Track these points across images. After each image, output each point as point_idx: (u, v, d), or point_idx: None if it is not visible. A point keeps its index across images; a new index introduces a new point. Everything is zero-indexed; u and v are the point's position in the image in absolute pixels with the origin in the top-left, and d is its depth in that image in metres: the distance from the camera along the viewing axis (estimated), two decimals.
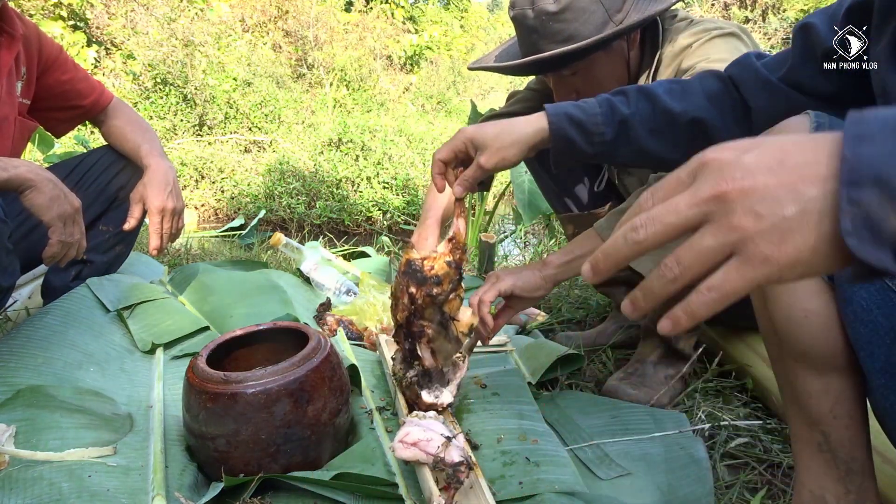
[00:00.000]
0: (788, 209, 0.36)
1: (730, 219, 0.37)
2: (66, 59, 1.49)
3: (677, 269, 0.39)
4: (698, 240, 0.39)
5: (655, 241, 0.41)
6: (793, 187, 0.36)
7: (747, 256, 0.37)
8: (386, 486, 0.89)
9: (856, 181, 0.35)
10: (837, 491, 0.73)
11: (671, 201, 0.40)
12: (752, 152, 0.38)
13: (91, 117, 1.57)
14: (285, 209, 4.91)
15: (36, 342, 1.15)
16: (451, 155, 0.92)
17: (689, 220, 0.39)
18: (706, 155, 0.40)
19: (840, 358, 0.71)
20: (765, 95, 0.85)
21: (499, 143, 0.88)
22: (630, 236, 0.41)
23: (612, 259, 0.43)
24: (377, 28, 8.69)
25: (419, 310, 0.91)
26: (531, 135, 0.89)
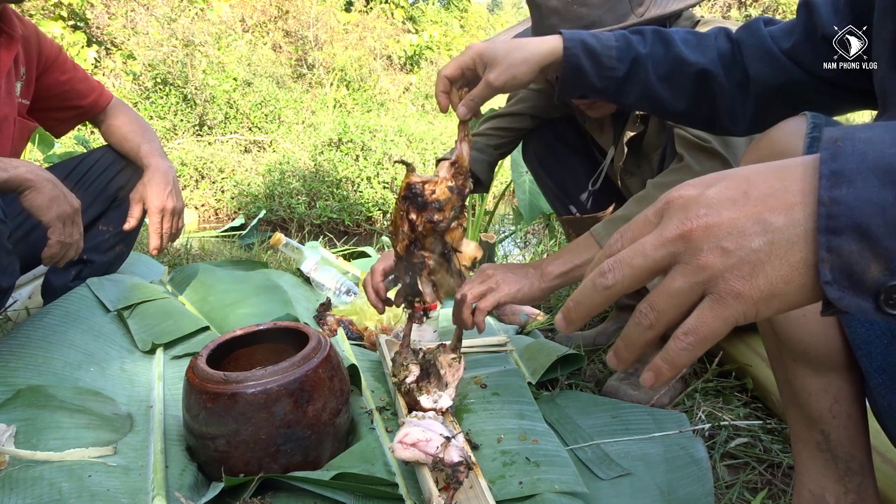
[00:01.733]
0: (756, 241, 0.35)
1: (697, 258, 0.36)
2: (65, 60, 1.50)
3: (652, 316, 0.38)
4: (668, 282, 0.38)
5: (625, 285, 0.39)
6: (758, 218, 0.35)
7: (719, 295, 0.36)
8: (386, 486, 0.89)
9: (834, 229, 0.34)
10: (837, 490, 0.73)
11: (638, 243, 0.39)
12: (716, 186, 0.37)
13: (91, 117, 1.57)
14: (285, 209, 4.91)
15: (36, 342, 1.15)
16: (457, 72, 0.87)
17: (658, 262, 0.38)
18: (671, 193, 0.39)
19: (838, 357, 0.71)
20: (766, 67, 0.82)
21: (510, 59, 0.83)
22: (599, 282, 0.40)
23: (583, 307, 0.42)
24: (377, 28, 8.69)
25: (419, 238, 0.86)
26: (544, 53, 0.84)
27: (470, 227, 3.04)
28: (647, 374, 0.39)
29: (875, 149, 0.34)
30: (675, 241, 0.37)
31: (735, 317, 0.36)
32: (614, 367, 0.42)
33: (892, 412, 0.68)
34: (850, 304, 0.34)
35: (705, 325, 0.36)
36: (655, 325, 0.38)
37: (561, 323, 0.43)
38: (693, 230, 0.36)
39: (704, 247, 0.36)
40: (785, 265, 0.35)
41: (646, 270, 0.38)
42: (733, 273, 0.35)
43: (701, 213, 0.37)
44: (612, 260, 0.40)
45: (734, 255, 0.35)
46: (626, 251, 0.40)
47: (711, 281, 0.36)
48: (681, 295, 0.37)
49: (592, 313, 0.42)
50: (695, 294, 0.37)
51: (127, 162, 1.53)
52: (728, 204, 0.36)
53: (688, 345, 0.37)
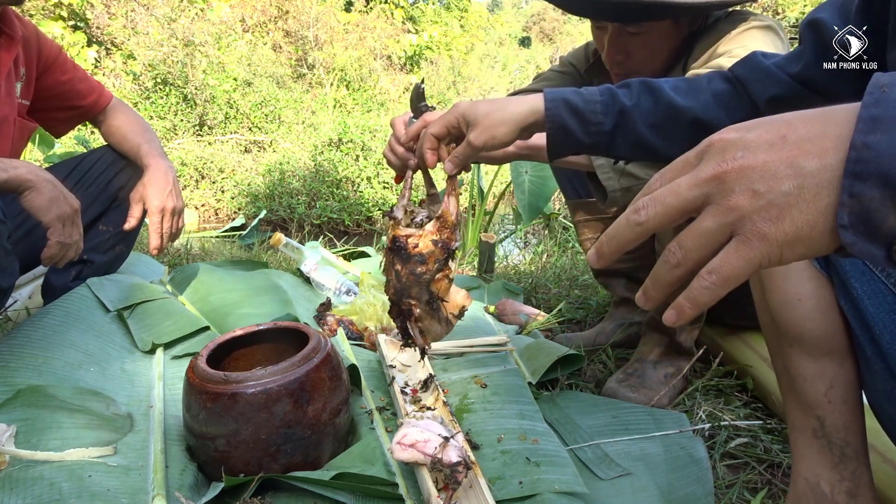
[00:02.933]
0: (786, 184, 0.35)
1: (728, 199, 0.37)
2: (65, 60, 1.50)
3: (680, 254, 0.39)
4: (699, 222, 0.38)
5: (657, 222, 0.40)
6: (792, 162, 0.35)
7: (745, 236, 0.36)
8: (386, 486, 0.89)
9: (860, 174, 0.33)
10: (832, 478, 0.74)
11: (674, 183, 0.39)
12: (757, 130, 0.38)
13: (91, 117, 1.57)
14: (285, 209, 4.91)
15: (36, 342, 1.15)
16: (443, 130, 0.89)
17: (690, 202, 0.38)
18: (714, 136, 0.39)
19: (834, 342, 0.73)
20: (775, 90, 0.81)
21: (489, 120, 0.84)
22: (632, 218, 0.41)
23: (615, 242, 0.42)
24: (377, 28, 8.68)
25: (405, 288, 0.89)
26: (524, 114, 0.85)
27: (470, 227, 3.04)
28: (670, 313, 0.39)
29: None
30: (709, 181, 0.37)
31: (759, 258, 0.36)
32: (642, 306, 0.43)
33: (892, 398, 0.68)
34: (862, 250, 0.34)
35: (728, 264, 0.37)
36: (683, 263, 0.39)
37: (593, 257, 0.44)
38: (728, 172, 0.37)
39: (736, 188, 0.36)
40: (812, 210, 0.35)
41: (678, 209, 0.39)
42: (761, 215, 0.35)
43: (738, 155, 0.37)
44: (647, 198, 0.40)
45: (764, 197, 0.35)
46: (661, 190, 0.40)
47: (739, 222, 0.36)
48: (709, 235, 0.37)
49: (624, 249, 0.42)
50: (723, 235, 0.37)
51: (127, 162, 1.53)
52: (765, 147, 0.36)
53: (710, 283, 0.37)
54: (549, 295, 1.95)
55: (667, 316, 0.40)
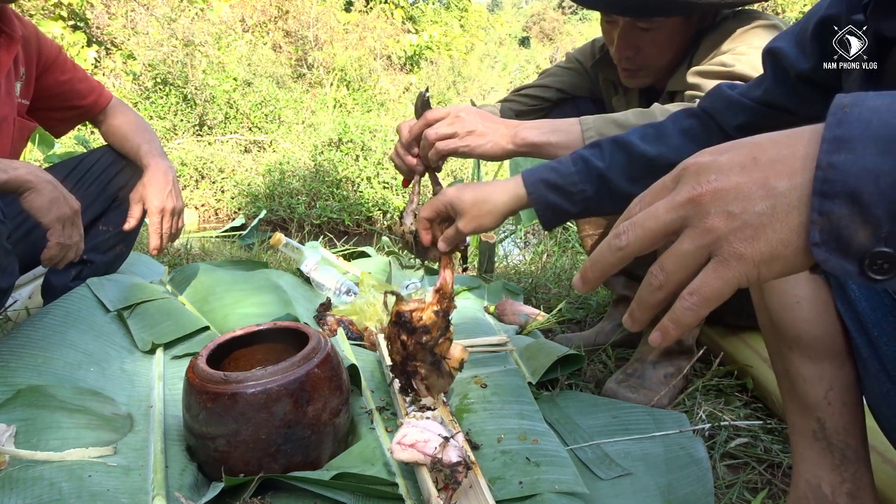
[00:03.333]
0: (759, 205, 0.36)
1: (704, 221, 0.38)
2: (65, 60, 1.50)
3: (662, 276, 0.40)
4: (678, 245, 0.39)
5: (638, 246, 0.41)
6: (764, 183, 0.36)
7: (723, 256, 0.37)
8: (386, 486, 0.89)
9: (828, 193, 0.34)
10: (833, 480, 0.74)
11: (652, 207, 0.41)
12: (728, 153, 0.39)
13: (91, 117, 1.57)
14: (285, 209, 4.91)
15: (36, 342, 1.15)
16: (433, 215, 0.96)
17: (668, 225, 0.40)
18: (688, 160, 0.41)
19: (832, 344, 0.73)
20: (742, 118, 0.86)
21: (475, 210, 0.92)
22: (613, 243, 0.42)
23: (598, 267, 0.44)
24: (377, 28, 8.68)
25: (411, 355, 0.96)
26: (507, 203, 0.92)
27: None
28: (655, 334, 0.41)
29: (880, 117, 0.34)
30: (686, 205, 0.39)
31: (737, 278, 0.37)
32: (629, 328, 0.44)
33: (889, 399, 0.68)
34: (835, 267, 0.35)
35: (708, 285, 0.38)
36: (665, 286, 0.40)
37: (578, 282, 0.46)
38: (703, 194, 0.38)
39: (712, 210, 0.37)
40: (785, 228, 0.36)
41: (657, 233, 0.40)
42: (736, 236, 0.37)
43: (712, 178, 0.38)
44: (627, 223, 0.42)
45: (738, 218, 0.37)
46: (640, 214, 0.41)
47: (716, 243, 0.37)
48: (688, 257, 0.39)
49: (608, 274, 0.44)
50: (701, 256, 0.38)
51: (127, 162, 1.53)
52: (737, 169, 0.38)
53: (692, 304, 0.38)
54: (549, 295, 1.95)
55: (652, 337, 0.41)
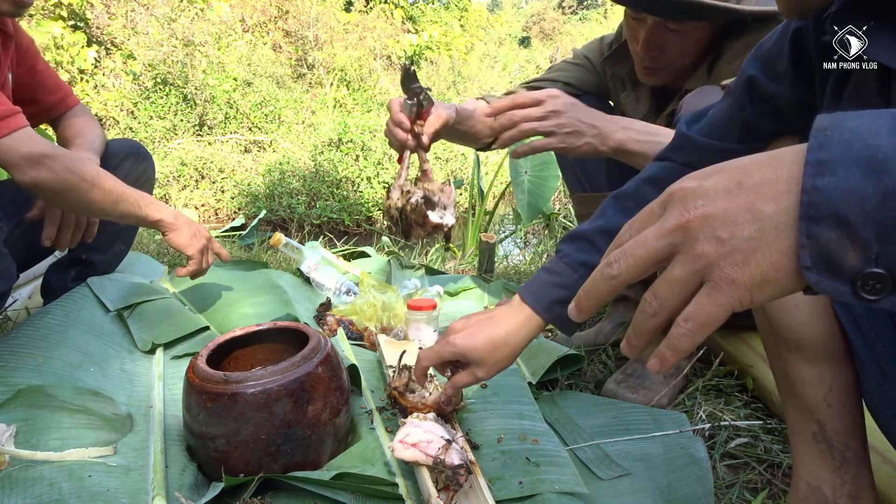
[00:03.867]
0: (747, 229, 0.36)
1: (694, 247, 0.38)
2: (37, 51, 1.46)
3: (656, 303, 0.40)
4: (669, 272, 0.39)
5: (629, 275, 0.42)
6: (750, 207, 0.37)
7: (714, 282, 0.37)
8: (386, 486, 0.89)
9: (814, 217, 0.35)
10: (833, 482, 0.74)
11: (641, 235, 0.41)
12: (713, 177, 0.39)
13: (52, 118, 1.50)
14: (285, 209, 4.91)
15: (36, 342, 1.15)
16: (438, 364, 0.90)
17: (659, 252, 0.40)
18: (674, 186, 0.41)
19: (832, 346, 0.73)
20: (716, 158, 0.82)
21: (496, 356, 0.86)
22: (605, 272, 0.43)
23: (592, 295, 0.44)
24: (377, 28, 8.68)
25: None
26: (526, 339, 0.88)
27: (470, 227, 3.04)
28: (653, 361, 0.41)
29: (860, 139, 0.35)
30: (675, 231, 0.39)
31: (730, 303, 0.37)
32: (627, 355, 0.44)
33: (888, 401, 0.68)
34: (827, 289, 0.35)
35: (703, 311, 0.38)
36: (659, 313, 0.40)
37: (573, 311, 0.46)
38: (690, 221, 0.38)
39: (700, 236, 0.38)
40: (774, 252, 0.36)
41: (648, 260, 0.40)
42: (727, 261, 0.37)
43: (698, 204, 0.38)
44: (617, 251, 0.42)
45: (727, 243, 0.37)
46: (630, 242, 0.42)
47: (707, 269, 0.37)
48: (680, 283, 0.39)
49: (601, 302, 0.44)
50: (693, 282, 0.38)
51: (124, 156, 1.50)
52: (723, 194, 0.38)
53: (687, 331, 0.39)
54: None
55: (651, 365, 0.41)
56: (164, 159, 5.49)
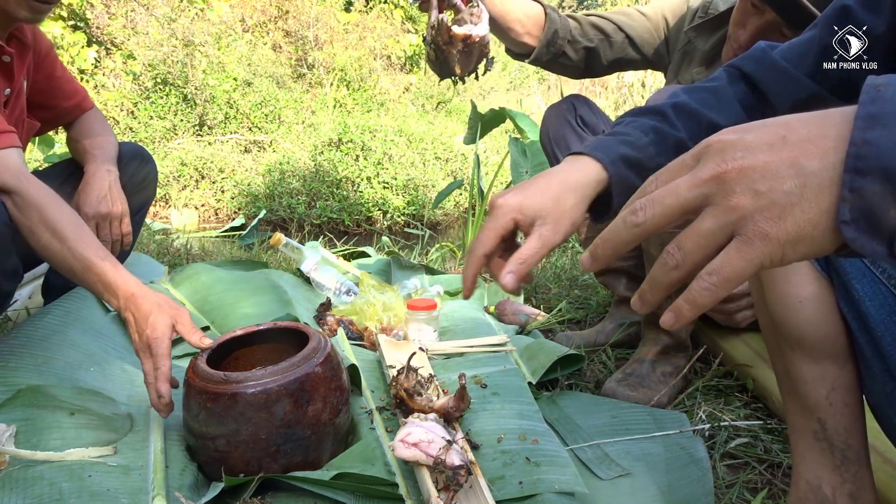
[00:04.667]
0: (788, 184, 0.35)
1: (729, 199, 0.36)
2: (56, 57, 1.47)
3: (679, 256, 0.38)
4: (698, 223, 0.38)
5: (655, 223, 0.40)
6: (794, 162, 0.35)
7: (747, 236, 0.36)
8: (386, 486, 0.89)
9: (861, 169, 0.33)
10: (833, 480, 0.74)
11: (673, 184, 0.39)
12: (755, 131, 0.37)
13: (68, 121, 1.52)
14: (285, 209, 4.91)
15: (36, 342, 1.15)
16: (496, 242, 0.68)
17: (690, 202, 0.38)
18: (711, 138, 0.39)
19: (834, 345, 0.72)
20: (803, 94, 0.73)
21: (561, 206, 0.67)
22: (630, 219, 0.40)
23: (610, 244, 0.42)
24: (377, 28, 8.68)
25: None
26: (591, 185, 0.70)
27: (470, 226, 3.04)
28: (668, 315, 0.39)
29: None
30: (709, 182, 0.37)
31: (760, 258, 0.36)
32: (637, 310, 0.42)
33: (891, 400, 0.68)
34: (864, 246, 0.34)
35: (730, 265, 0.36)
36: (681, 266, 0.38)
37: (587, 260, 0.43)
38: (727, 171, 0.37)
39: (737, 188, 0.36)
40: (814, 209, 0.35)
41: (677, 209, 0.39)
42: (763, 214, 0.35)
43: (737, 156, 0.37)
44: (644, 199, 0.40)
45: (765, 196, 0.35)
46: (659, 191, 0.40)
47: (741, 222, 0.36)
48: (709, 235, 0.37)
49: (620, 252, 0.42)
50: (724, 235, 0.37)
51: (128, 160, 1.51)
52: (765, 148, 0.36)
53: (711, 284, 0.37)
54: (549, 295, 1.94)
55: (665, 319, 0.39)
56: (164, 159, 5.48)
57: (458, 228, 4.65)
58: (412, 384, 1.01)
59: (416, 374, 1.02)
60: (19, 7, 1.18)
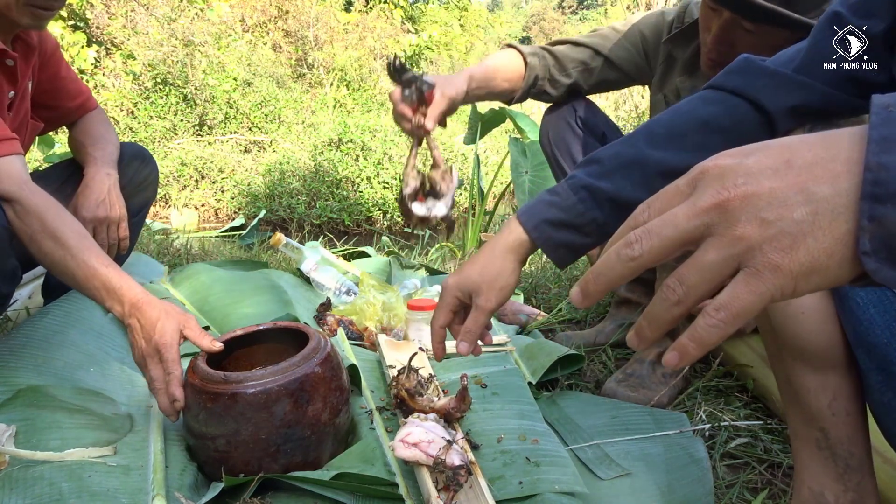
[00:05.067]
0: (798, 212, 0.33)
1: (733, 229, 0.34)
2: (61, 56, 1.47)
3: (681, 290, 0.35)
4: (701, 255, 0.35)
5: (653, 256, 0.37)
6: (802, 187, 0.33)
7: (755, 268, 0.33)
8: (386, 486, 0.89)
9: (879, 196, 0.31)
10: (836, 489, 0.73)
11: (669, 213, 0.36)
12: (756, 155, 0.35)
13: (71, 121, 1.51)
14: (285, 209, 4.91)
15: (36, 342, 1.15)
16: (449, 316, 0.83)
17: (689, 233, 0.35)
18: (706, 163, 0.37)
19: (837, 354, 0.72)
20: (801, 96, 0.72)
21: (488, 277, 0.79)
22: (624, 252, 0.37)
23: (604, 279, 0.39)
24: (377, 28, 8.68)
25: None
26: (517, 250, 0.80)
27: (470, 227, 3.04)
28: (671, 355, 0.36)
29: None
30: (710, 211, 0.35)
31: (771, 291, 0.33)
32: (634, 347, 0.39)
33: (890, 410, 0.68)
34: (886, 277, 0.32)
35: (739, 299, 0.33)
36: (684, 301, 0.36)
37: (577, 296, 0.40)
38: (730, 200, 0.34)
39: (742, 217, 0.33)
40: (829, 237, 0.32)
41: (676, 241, 0.36)
42: (772, 245, 0.33)
43: (739, 182, 0.34)
44: (639, 230, 0.37)
45: (774, 225, 0.33)
46: (655, 221, 0.37)
47: (748, 253, 0.33)
48: (713, 268, 0.34)
49: (613, 286, 0.39)
50: (729, 268, 0.34)
51: (130, 159, 1.51)
52: (769, 173, 0.34)
53: (719, 321, 0.34)
54: (549, 295, 1.95)
55: (668, 358, 0.36)
56: (164, 159, 5.48)
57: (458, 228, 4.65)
58: (413, 384, 1.01)
59: (416, 375, 1.02)
60: (22, 14, 1.18)
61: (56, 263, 1.00)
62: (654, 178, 0.75)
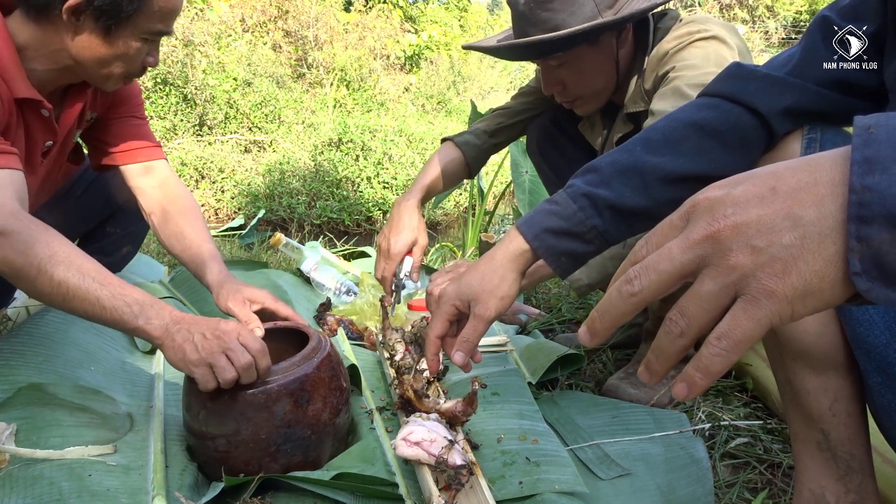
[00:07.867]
0: (786, 237, 0.34)
1: (726, 258, 0.35)
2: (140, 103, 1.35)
3: (683, 322, 0.36)
4: (698, 287, 0.36)
5: (652, 291, 0.38)
6: (788, 213, 0.34)
7: (752, 295, 0.34)
8: (386, 486, 0.89)
9: (865, 217, 0.32)
10: (837, 490, 0.73)
11: (664, 248, 0.38)
12: (742, 185, 0.36)
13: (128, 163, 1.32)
14: (285, 209, 4.91)
15: (37, 340, 1.15)
16: (445, 326, 0.81)
17: (685, 266, 0.36)
18: (697, 196, 0.38)
19: (837, 356, 0.72)
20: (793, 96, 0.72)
21: (488, 286, 0.78)
22: (624, 289, 0.39)
23: (608, 316, 0.40)
24: (377, 28, 8.68)
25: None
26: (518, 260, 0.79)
27: (470, 227, 3.04)
28: (680, 386, 0.37)
29: None
30: (703, 242, 0.36)
31: (769, 317, 0.34)
32: (646, 382, 0.40)
33: (890, 411, 0.68)
34: (879, 296, 0.32)
35: (739, 327, 0.34)
36: (687, 332, 0.37)
37: (585, 336, 0.42)
38: (721, 230, 0.35)
39: (734, 247, 0.35)
40: (819, 260, 0.33)
41: (673, 275, 0.37)
42: (765, 271, 0.34)
43: (728, 212, 0.35)
44: (638, 266, 0.39)
45: (765, 252, 0.34)
46: (651, 256, 0.38)
47: (743, 281, 0.34)
48: (711, 298, 0.35)
49: (619, 323, 0.40)
50: (726, 297, 0.35)
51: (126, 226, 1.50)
52: (756, 201, 0.35)
53: (721, 349, 0.35)
54: (549, 295, 1.95)
55: (678, 390, 0.37)
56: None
57: (458, 228, 4.65)
58: (421, 385, 1.00)
59: (423, 376, 1.02)
60: (116, 83, 1.13)
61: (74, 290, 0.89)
62: (653, 184, 0.76)
